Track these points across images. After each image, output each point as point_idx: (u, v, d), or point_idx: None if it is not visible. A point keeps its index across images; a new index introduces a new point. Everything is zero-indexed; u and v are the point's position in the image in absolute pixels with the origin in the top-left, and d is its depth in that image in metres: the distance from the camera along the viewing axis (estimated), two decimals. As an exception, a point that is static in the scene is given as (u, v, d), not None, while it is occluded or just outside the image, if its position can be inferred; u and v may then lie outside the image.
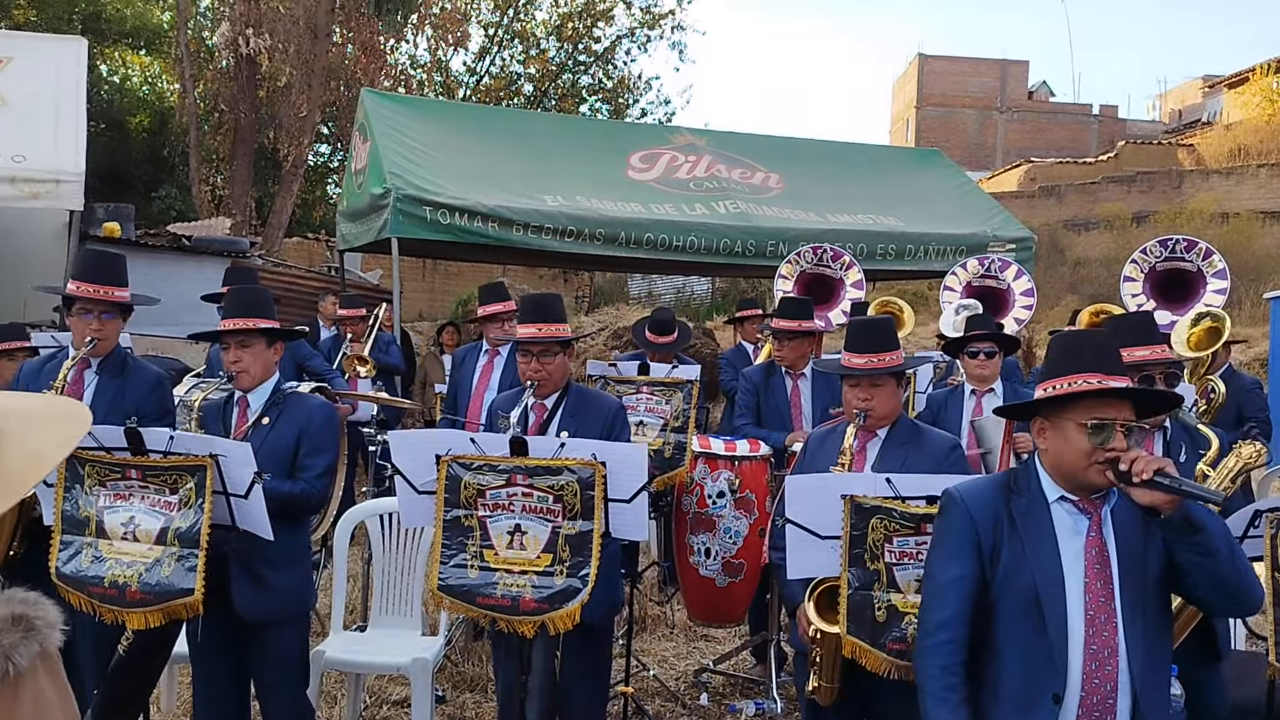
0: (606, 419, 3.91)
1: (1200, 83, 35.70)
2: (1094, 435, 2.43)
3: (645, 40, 26.47)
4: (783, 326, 5.37)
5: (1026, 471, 2.60)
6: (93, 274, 4.00)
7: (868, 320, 3.84)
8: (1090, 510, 2.51)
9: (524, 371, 3.92)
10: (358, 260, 15.53)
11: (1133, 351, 3.41)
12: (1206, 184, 23.13)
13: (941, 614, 2.54)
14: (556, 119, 16.81)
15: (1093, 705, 2.40)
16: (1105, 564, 2.46)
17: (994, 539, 2.51)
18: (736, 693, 5.36)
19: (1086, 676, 2.40)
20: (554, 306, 4.00)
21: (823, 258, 6.98)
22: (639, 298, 21.05)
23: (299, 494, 3.60)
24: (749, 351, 7.71)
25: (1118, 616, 2.43)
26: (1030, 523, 2.51)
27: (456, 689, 5.20)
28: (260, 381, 3.74)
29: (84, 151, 8.57)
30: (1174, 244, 6.18)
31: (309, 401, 3.80)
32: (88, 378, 4.03)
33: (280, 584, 3.61)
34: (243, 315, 3.71)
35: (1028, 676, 2.43)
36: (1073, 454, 2.47)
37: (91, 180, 8.70)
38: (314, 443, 3.69)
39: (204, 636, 3.62)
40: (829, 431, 3.76)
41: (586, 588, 3.17)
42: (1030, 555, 2.47)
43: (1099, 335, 2.66)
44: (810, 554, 3.23)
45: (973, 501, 2.57)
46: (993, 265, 6.81)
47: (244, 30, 17.43)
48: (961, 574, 2.52)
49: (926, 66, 40.11)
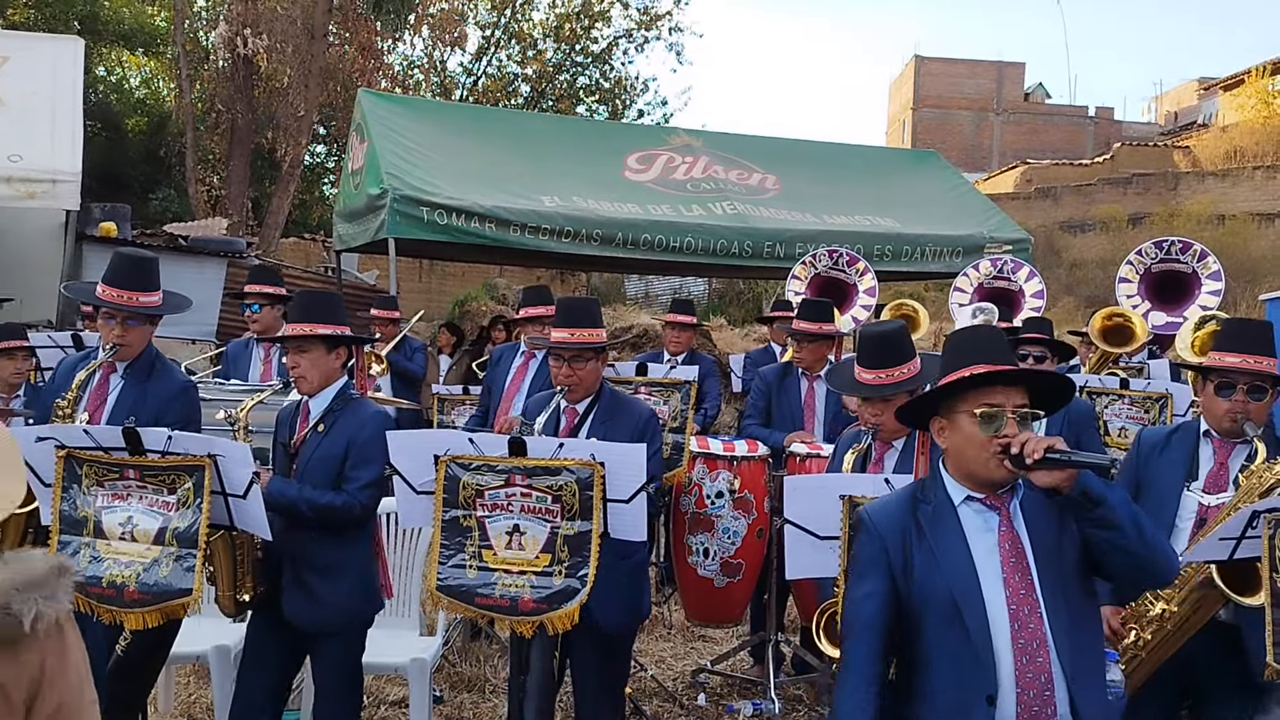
0: (638, 425, 3.89)
1: (1196, 85, 35.76)
2: (986, 425, 2.42)
3: (642, 41, 26.50)
4: (804, 329, 5.37)
5: (933, 478, 2.59)
6: (120, 278, 3.87)
7: (879, 332, 3.77)
8: (998, 505, 2.49)
9: (556, 376, 3.91)
10: (355, 260, 15.52)
11: (1223, 356, 3.35)
12: (1202, 186, 23.19)
13: (856, 626, 2.51)
14: (553, 120, 16.81)
15: (1030, 700, 2.37)
16: (1020, 556, 2.45)
17: (903, 553, 2.49)
18: (734, 693, 5.36)
19: (1019, 672, 2.37)
20: (590, 311, 3.98)
21: (838, 261, 6.98)
22: (636, 299, 21.05)
23: (339, 506, 3.52)
24: (776, 353, 7.64)
25: (1041, 607, 2.41)
26: (938, 528, 2.49)
27: (454, 689, 5.20)
28: (320, 388, 3.65)
29: (80, 151, 8.57)
30: (1169, 245, 6.20)
31: (363, 410, 3.69)
32: (114, 381, 3.94)
33: (329, 594, 3.55)
34: (303, 320, 3.63)
35: (959, 682, 2.40)
36: (970, 447, 2.45)
37: (88, 180, 8.70)
38: (361, 453, 3.57)
39: (256, 632, 3.63)
40: (857, 434, 3.75)
41: (585, 588, 3.17)
42: (941, 561, 2.45)
43: (988, 329, 2.65)
44: (809, 554, 3.24)
45: (880, 519, 2.55)
46: (1005, 266, 6.81)
47: (241, 31, 17.43)
48: (871, 590, 2.50)
49: (923, 68, 40.17)
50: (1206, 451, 3.41)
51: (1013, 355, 2.53)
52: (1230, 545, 3.00)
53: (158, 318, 4.03)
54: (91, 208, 11.40)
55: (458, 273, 18.75)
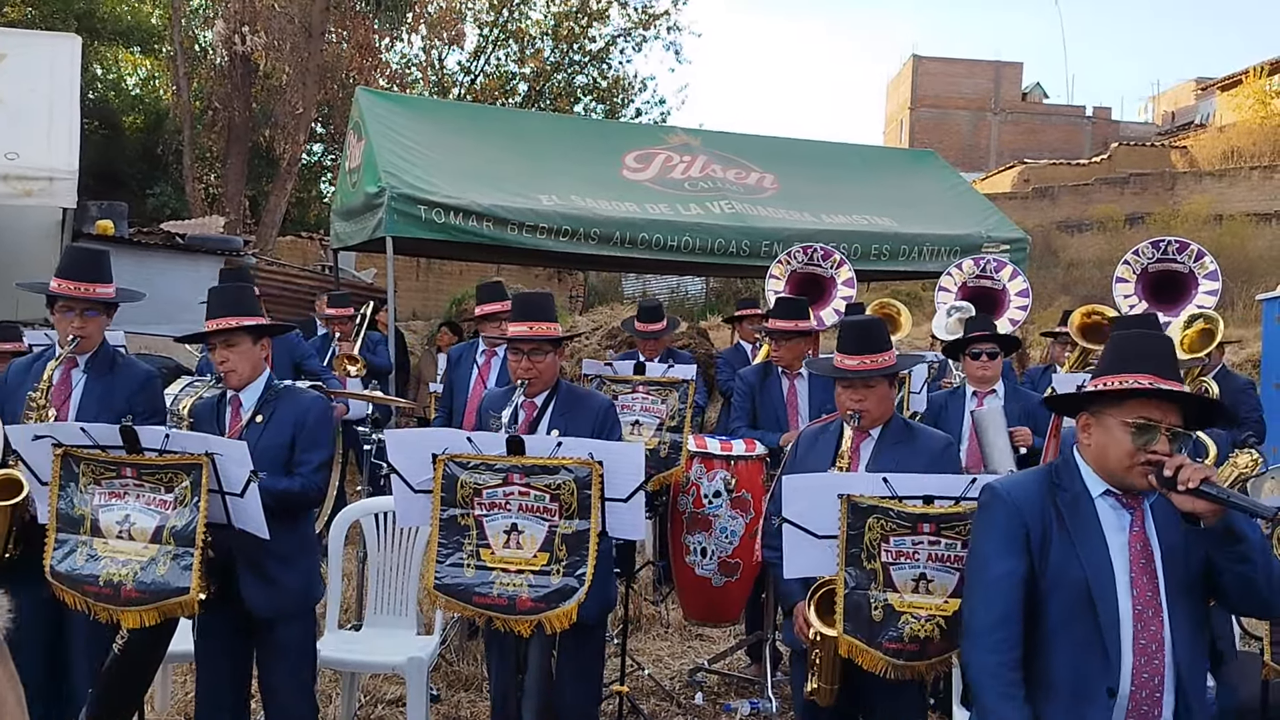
0: (597, 417, 3.92)
1: (1193, 85, 35.79)
2: (1138, 435, 2.43)
3: (640, 41, 26.47)
4: (779, 327, 5.37)
5: (1068, 466, 2.59)
6: (74, 271, 3.94)
7: (859, 321, 3.84)
8: (1133, 505, 2.51)
9: (514, 370, 3.93)
10: (352, 259, 15.51)
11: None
12: (1199, 186, 23.21)
13: (994, 612, 2.51)
14: (551, 118, 16.79)
15: (1141, 700, 2.40)
16: (1149, 558, 2.47)
17: (1042, 533, 2.50)
18: (731, 692, 5.37)
19: (1136, 671, 2.41)
20: (545, 305, 4.00)
21: (813, 257, 6.97)
22: (633, 297, 21.03)
23: (296, 490, 3.59)
24: (747, 351, 7.71)
25: (1164, 611, 2.43)
26: (1077, 517, 2.50)
27: (451, 688, 5.20)
28: (250, 380, 3.72)
29: (77, 149, 8.55)
30: (1166, 245, 6.19)
31: (303, 397, 3.78)
32: (75, 376, 3.98)
33: (287, 579, 3.62)
34: (225, 314, 3.68)
35: (1081, 671, 2.43)
36: (1117, 452, 2.46)
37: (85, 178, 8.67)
38: (310, 438, 3.67)
39: (209, 633, 3.63)
40: (820, 430, 3.76)
41: (583, 587, 3.17)
42: (1080, 549, 2.47)
43: (1160, 339, 2.63)
44: (807, 553, 3.24)
45: (1019, 496, 2.56)
46: (988, 266, 6.81)
47: (239, 28, 17.39)
48: (1011, 569, 2.50)
49: (921, 68, 40.19)
50: None
51: (1177, 371, 2.51)
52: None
53: (114, 308, 4.09)
54: (88, 206, 11.38)
55: (455, 271, 18.74)
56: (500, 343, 5.48)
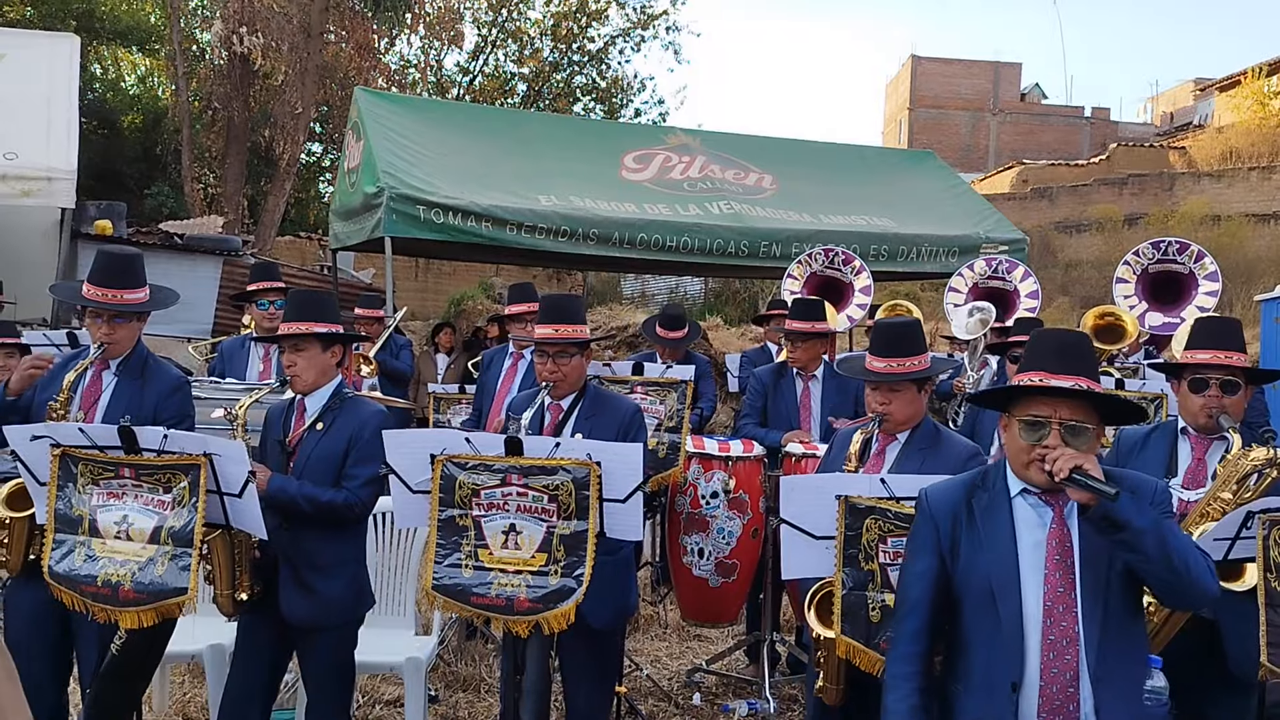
0: (622, 422, 3.91)
1: (1192, 85, 35.82)
2: (1029, 432, 2.50)
3: (639, 41, 26.48)
4: (797, 328, 5.36)
5: (997, 467, 2.67)
6: (104, 277, 3.87)
7: (893, 323, 3.80)
8: (1052, 503, 2.56)
9: (540, 372, 3.92)
10: (351, 259, 15.50)
11: (1194, 354, 3.41)
12: (1198, 186, 23.22)
13: (906, 604, 2.65)
14: (550, 119, 16.78)
15: (1053, 694, 2.45)
16: (1066, 555, 2.52)
17: (952, 535, 2.60)
18: (730, 693, 5.37)
19: (1045, 665, 2.45)
20: (573, 307, 4.00)
21: (834, 260, 6.99)
22: (632, 298, 21.05)
23: (340, 503, 3.55)
24: (773, 352, 7.65)
25: (1077, 606, 2.47)
26: (990, 517, 2.58)
27: (449, 689, 5.20)
28: (315, 386, 3.68)
29: (76, 149, 8.56)
30: (1166, 246, 6.22)
31: (364, 409, 3.72)
32: (106, 379, 3.90)
33: (328, 591, 3.59)
34: (298, 319, 3.66)
35: (988, 666, 2.50)
36: (1013, 449, 2.56)
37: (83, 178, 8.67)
38: (362, 451, 3.61)
39: (250, 634, 3.63)
40: (853, 430, 3.75)
41: (581, 587, 3.16)
42: (986, 549, 2.55)
43: (1065, 334, 2.67)
44: (805, 554, 3.24)
45: (935, 501, 2.67)
46: (1000, 266, 6.82)
47: (237, 28, 17.38)
48: (924, 568, 2.62)
49: (919, 68, 40.19)
50: (1184, 449, 3.47)
51: (1086, 366, 2.54)
52: (1225, 545, 3.01)
53: (146, 314, 4.02)
54: (87, 205, 11.39)
55: (453, 272, 18.73)
56: (528, 345, 5.45)
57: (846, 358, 4.56)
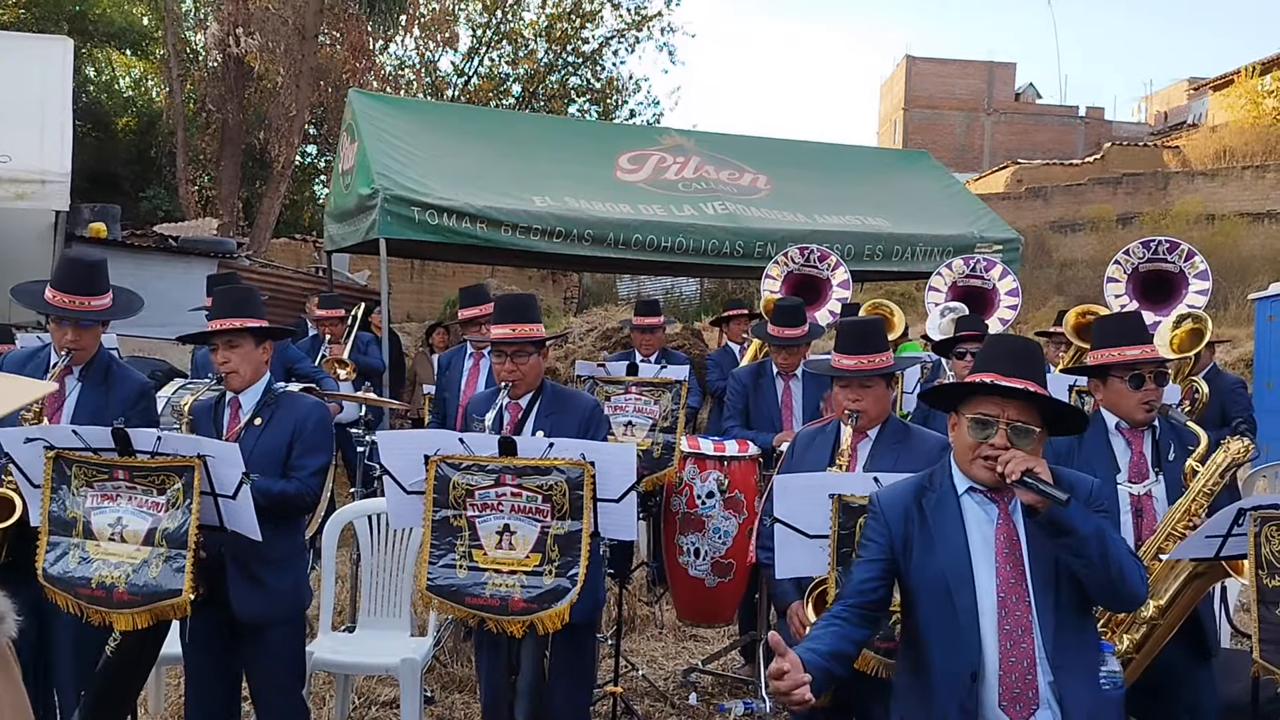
0: (583, 418, 3.92)
1: (1186, 85, 35.89)
2: (976, 430, 2.57)
3: (634, 42, 26.50)
4: (787, 335, 5.34)
5: (942, 468, 2.75)
6: (69, 283, 3.87)
7: (858, 321, 3.85)
8: (998, 499, 2.64)
9: (498, 372, 3.93)
10: (346, 261, 15.49)
11: (1123, 351, 3.45)
12: (1192, 186, 23.27)
13: (848, 584, 2.75)
14: (545, 120, 16.79)
15: (1012, 682, 2.52)
16: (1015, 548, 2.60)
17: (904, 536, 2.67)
18: (725, 692, 5.37)
19: (1003, 655, 2.53)
20: (528, 307, 4.00)
21: (810, 258, 7.00)
22: (628, 299, 21.05)
23: (292, 493, 3.60)
24: (735, 352, 7.73)
25: (1029, 596, 2.56)
26: (940, 515, 2.66)
27: (445, 690, 5.20)
28: (251, 382, 3.72)
29: (70, 151, 8.54)
30: (1157, 245, 6.23)
31: (302, 401, 3.78)
32: (69, 384, 3.92)
33: (277, 584, 3.61)
34: (230, 315, 3.69)
35: (947, 658, 2.57)
36: (960, 447, 2.64)
37: (78, 181, 8.65)
38: (307, 442, 3.67)
39: (197, 636, 3.62)
40: (817, 431, 3.78)
41: (575, 587, 3.17)
42: (938, 546, 2.63)
43: (1017, 341, 2.75)
44: (798, 553, 3.25)
45: (886, 503, 2.74)
46: (978, 265, 6.83)
47: (232, 30, 17.38)
48: (871, 558, 2.71)
49: (913, 68, 40.21)
50: (1119, 444, 3.50)
51: (1033, 370, 2.62)
52: (1216, 543, 3.03)
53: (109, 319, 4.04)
54: (81, 208, 11.37)
55: (449, 273, 18.71)
56: (486, 345, 5.49)
57: (814, 359, 4.61)
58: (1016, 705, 2.51)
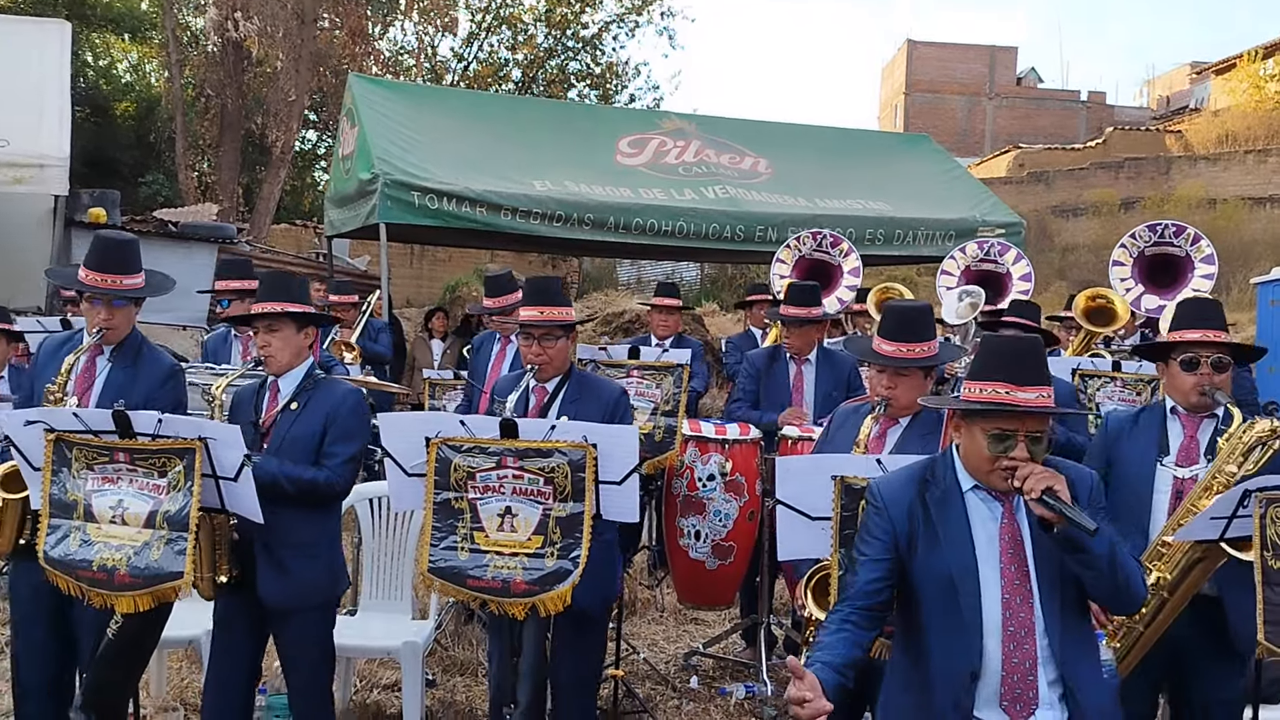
0: (608, 405, 3.90)
1: (1188, 69, 35.75)
2: (994, 444, 2.51)
3: (634, 26, 26.37)
4: (793, 314, 5.35)
5: (944, 462, 2.68)
6: (102, 262, 3.85)
7: (904, 306, 3.73)
8: (1002, 498, 2.59)
9: (525, 355, 3.92)
10: (346, 246, 15.46)
11: (1183, 333, 3.44)
12: (1194, 170, 23.20)
13: (854, 584, 2.65)
14: (545, 104, 16.72)
15: (1014, 682, 2.49)
16: (1019, 547, 2.56)
17: (910, 532, 2.61)
18: (726, 675, 5.38)
19: (1005, 655, 2.50)
20: (556, 290, 3.99)
21: (822, 243, 6.97)
22: (628, 283, 21.03)
23: (321, 481, 3.55)
24: (757, 336, 7.69)
25: (1034, 596, 2.52)
26: (945, 512, 2.60)
27: (447, 673, 5.20)
28: (289, 367, 3.68)
29: (68, 136, 8.52)
30: (1163, 229, 6.20)
31: (339, 388, 3.73)
32: (100, 364, 3.90)
33: (304, 571, 3.58)
34: (272, 299, 3.66)
35: (948, 656, 2.53)
36: (976, 458, 2.56)
37: (77, 166, 8.62)
38: (340, 429, 3.61)
39: (227, 619, 3.63)
40: (854, 410, 3.72)
41: (577, 569, 3.17)
42: (944, 543, 2.57)
43: (1019, 343, 2.65)
44: (800, 535, 3.24)
45: (888, 498, 2.66)
46: (991, 249, 6.79)
47: (231, 14, 17.31)
48: (876, 557, 2.63)
49: (915, 52, 40.07)
50: (1175, 428, 3.48)
51: (1041, 371, 2.54)
52: (1222, 524, 3.02)
53: (142, 299, 4.01)
54: (80, 193, 11.32)
55: (449, 258, 18.69)
56: (515, 330, 5.46)
57: (855, 338, 4.55)
58: (1016, 705, 2.48)
